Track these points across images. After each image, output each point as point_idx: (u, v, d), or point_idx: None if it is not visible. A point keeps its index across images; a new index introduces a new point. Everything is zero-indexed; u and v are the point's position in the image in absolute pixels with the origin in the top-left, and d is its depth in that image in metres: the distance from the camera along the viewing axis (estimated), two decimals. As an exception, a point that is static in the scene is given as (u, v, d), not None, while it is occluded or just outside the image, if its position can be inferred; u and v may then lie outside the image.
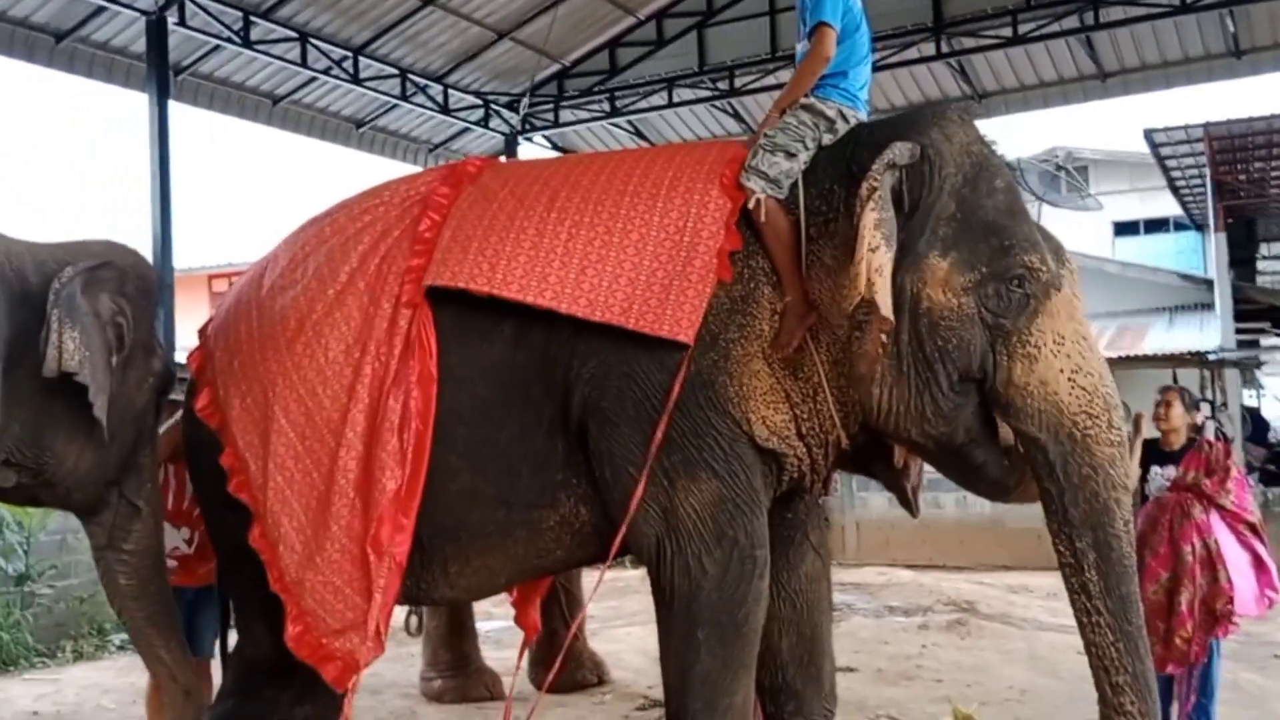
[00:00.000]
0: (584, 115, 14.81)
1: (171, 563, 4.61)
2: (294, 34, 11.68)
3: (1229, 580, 4.59)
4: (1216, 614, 4.63)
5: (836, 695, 4.31)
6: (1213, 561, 4.62)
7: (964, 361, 3.56)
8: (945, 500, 11.23)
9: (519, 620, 4.71)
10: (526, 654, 6.51)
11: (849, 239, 3.62)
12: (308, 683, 4.02)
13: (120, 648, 8.19)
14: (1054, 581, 3.64)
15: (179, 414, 4.67)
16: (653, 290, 3.69)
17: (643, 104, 14.43)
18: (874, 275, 3.39)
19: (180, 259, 11.04)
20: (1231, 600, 4.59)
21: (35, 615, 8.30)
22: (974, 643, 7.82)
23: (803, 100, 3.93)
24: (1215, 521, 4.66)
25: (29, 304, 3.55)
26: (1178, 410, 4.91)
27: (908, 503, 4.41)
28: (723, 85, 13.93)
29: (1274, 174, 15.60)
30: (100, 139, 42.89)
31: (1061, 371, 3.54)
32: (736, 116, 14.98)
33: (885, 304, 3.40)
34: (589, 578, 7.05)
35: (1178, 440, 4.89)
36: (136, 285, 3.94)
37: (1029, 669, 6.97)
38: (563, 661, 6.27)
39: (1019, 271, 3.55)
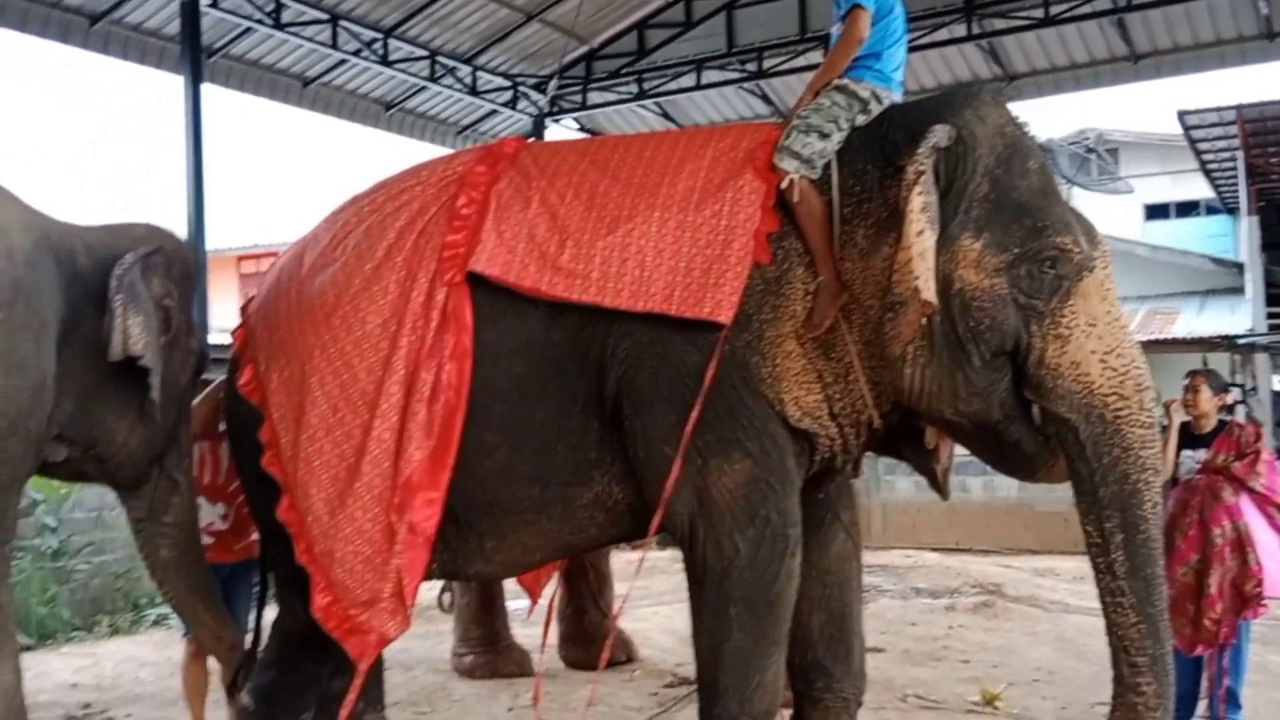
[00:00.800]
0: (612, 97, 14.77)
1: (207, 538, 4.73)
2: (325, 16, 11.71)
3: (1258, 563, 4.59)
4: (1245, 596, 4.64)
5: (866, 674, 4.36)
6: (1242, 544, 4.62)
7: (996, 342, 3.59)
8: (972, 484, 11.23)
9: (519, 580, 4.74)
10: (555, 631, 6.63)
11: (882, 220, 3.66)
12: (346, 655, 4.10)
13: (156, 623, 8.33)
14: (1081, 565, 3.67)
15: (208, 391, 4.77)
16: (693, 275, 3.72)
17: (671, 86, 14.37)
18: (919, 261, 3.41)
19: (210, 240, 11.11)
20: (1260, 583, 4.60)
21: (72, 590, 8.45)
22: (1001, 624, 7.85)
23: (836, 81, 3.94)
24: (1245, 504, 4.66)
25: (79, 284, 3.67)
26: (1205, 394, 4.91)
27: (938, 485, 4.43)
28: (751, 67, 13.85)
29: (1307, 157, 15.45)
30: (100, 139, 42.97)
31: (1093, 353, 3.55)
32: (765, 99, 14.91)
33: (929, 289, 3.42)
34: (617, 557, 7.14)
35: (1208, 424, 4.89)
36: (180, 269, 4.09)
37: (1056, 650, 6.99)
38: (593, 639, 6.42)
39: (1051, 253, 3.57)
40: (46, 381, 3.50)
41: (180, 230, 9.63)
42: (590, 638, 6.63)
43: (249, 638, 4.54)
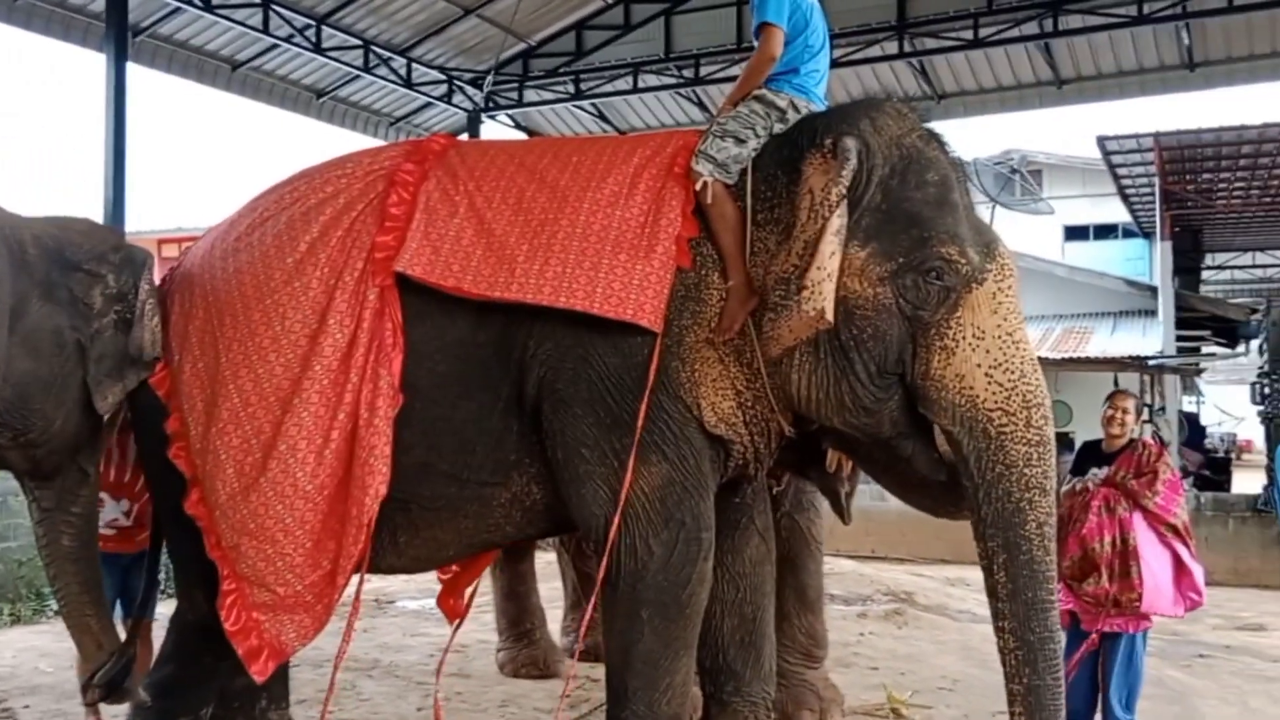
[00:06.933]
0: (548, 96, 14.78)
1: (110, 532, 4.71)
2: (257, 0, 11.55)
3: (1139, 577, 4.66)
4: (1122, 606, 4.71)
5: (775, 678, 4.39)
6: (1127, 557, 4.69)
7: (880, 351, 3.59)
8: (889, 493, 11.37)
9: (440, 604, 4.63)
10: (559, 627, 6.99)
11: (790, 225, 3.67)
12: (248, 651, 4.04)
13: (58, 613, 8.09)
14: (992, 577, 3.71)
15: None
16: (615, 275, 3.72)
17: (607, 88, 14.42)
18: (829, 283, 3.45)
19: (129, 222, 10.89)
20: (1140, 597, 4.67)
21: (-29, 577, 8.23)
22: (910, 632, 7.96)
23: (755, 92, 3.99)
24: (1137, 520, 4.73)
25: (26, 274, 3.68)
26: (1132, 418, 5.00)
27: (839, 508, 4.49)
28: (688, 73, 13.96)
29: (1221, 185, 15.93)
30: (13, 116, 41.81)
31: (979, 366, 3.54)
32: (700, 105, 15.02)
33: (829, 308, 3.46)
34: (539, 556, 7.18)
35: (1119, 443, 4.98)
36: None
37: (962, 659, 7.11)
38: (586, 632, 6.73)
39: (936, 264, 3.56)
40: (4, 369, 3.50)
41: (97, 212, 9.49)
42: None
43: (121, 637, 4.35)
